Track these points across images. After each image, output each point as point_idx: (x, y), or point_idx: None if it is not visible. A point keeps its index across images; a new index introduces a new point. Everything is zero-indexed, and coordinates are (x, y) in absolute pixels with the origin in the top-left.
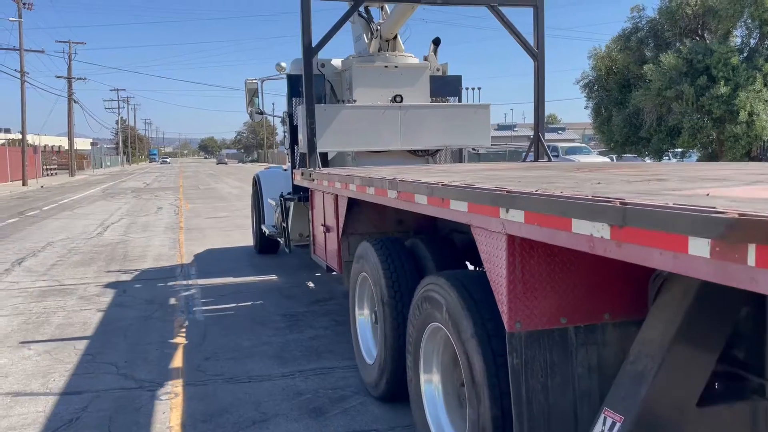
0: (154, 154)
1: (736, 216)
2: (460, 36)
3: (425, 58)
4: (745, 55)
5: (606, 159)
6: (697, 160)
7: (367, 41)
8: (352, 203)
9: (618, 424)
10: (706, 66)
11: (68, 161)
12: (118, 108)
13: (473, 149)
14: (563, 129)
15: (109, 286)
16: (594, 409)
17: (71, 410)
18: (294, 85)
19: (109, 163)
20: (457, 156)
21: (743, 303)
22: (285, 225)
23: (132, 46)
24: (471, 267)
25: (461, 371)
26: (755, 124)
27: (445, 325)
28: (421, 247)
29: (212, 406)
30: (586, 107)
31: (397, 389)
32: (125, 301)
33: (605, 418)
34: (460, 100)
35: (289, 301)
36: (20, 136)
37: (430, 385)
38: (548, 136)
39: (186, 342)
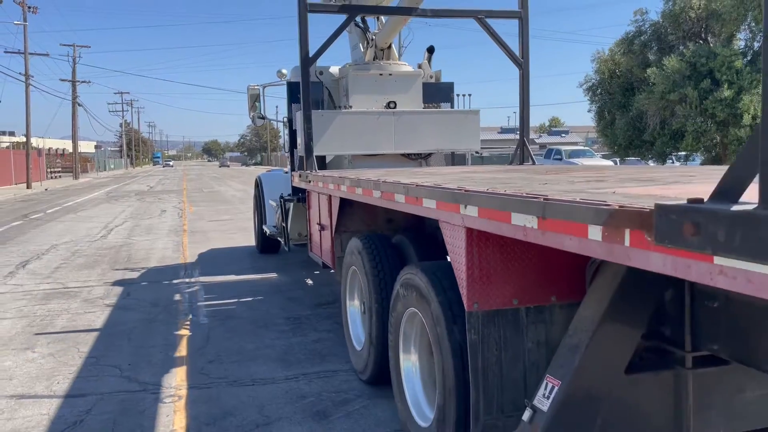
0: (158, 157)
1: (617, 207)
2: (464, 39)
3: (419, 66)
4: (748, 58)
5: (609, 162)
6: (701, 164)
7: (363, 50)
8: (344, 203)
9: (556, 388)
10: (710, 69)
11: (72, 164)
12: (122, 111)
13: (477, 152)
14: (566, 132)
15: (113, 288)
16: (540, 378)
17: (75, 413)
18: (294, 92)
19: (112, 166)
20: (450, 159)
21: (665, 286)
22: (284, 225)
23: (136, 50)
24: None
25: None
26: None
27: (419, 309)
28: (406, 243)
29: (216, 409)
30: (589, 110)
31: (381, 371)
32: (129, 303)
33: (546, 384)
34: (452, 106)
35: (292, 304)
36: (24, 139)
37: (409, 363)
38: (551, 139)
39: (189, 344)
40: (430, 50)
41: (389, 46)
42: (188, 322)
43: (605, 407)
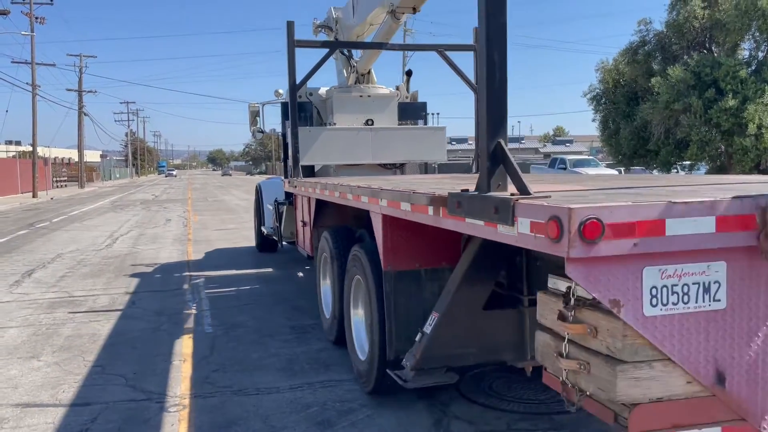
0: (163, 166)
1: (434, 195)
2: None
3: (397, 87)
4: (753, 68)
5: (614, 171)
6: (706, 173)
7: (346, 75)
8: (319, 203)
9: (436, 318)
10: (714, 79)
11: (78, 173)
12: (128, 120)
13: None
14: (571, 141)
15: (118, 297)
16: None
17: (80, 422)
18: (287, 110)
19: (118, 175)
20: (423, 168)
21: (509, 252)
22: (278, 225)
23: (142, 60)
24: None
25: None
26: (764, 137)
27: (360, 275)
28: (365, 234)
29: (220, 419)
30: (593, 120)
31: (341, 332)
32: (134, 312)
33: (432, 316)
34: (425, 123)
35: (297, 313)
36: (31, 149)
37: (356, 317)
38: (556, 148)
39: (194, 353)
40: (408, 74)
41: (369, 72)
42: (193, 331)
43: (468, 331)
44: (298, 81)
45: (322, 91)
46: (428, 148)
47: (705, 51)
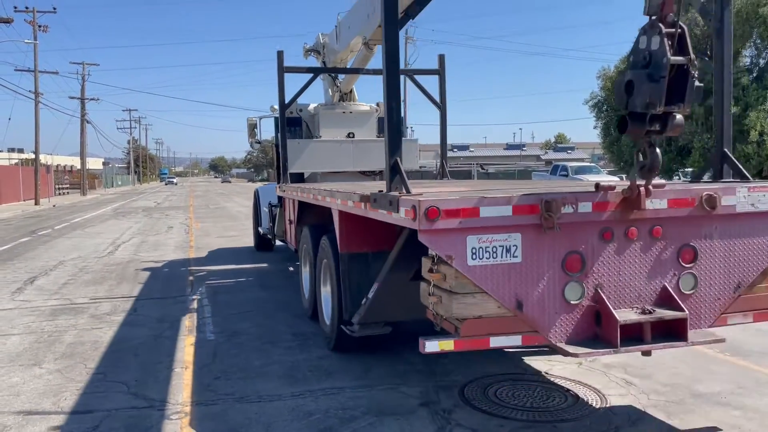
0: (165, 174)
1: (362, 194)
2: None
3: (378, 104)
4: (754, 75)
5: (615, 178)
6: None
7: (331, 94)
8: (301, 204)
9: (376, 287)
10: None
11: (80, 180)
12: (130, 128)
13: (482, 169)
14: (572, 148)
15: (120, 304)
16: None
17: (82, 429)
18: (282, 121)
19: (120, 183)
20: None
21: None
22: (272, 225)
23: (145, 68)
24: None
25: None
26: (766, 144)
27: (326, 257)
28: (331, 227)
29: (222, 426)
30: (595, 127)
31: (315, 308)
32: (136, 319)
33: (375, 285)
34: (403, 136)
35: (299, 321)
36: (33, 156)
37: (325, 292)
38: (557, 155)
39: (196, 361)
40: None
41: (351, 91)
42: (195, 339)
43: (399, 296)
44: (287, 100)
45: (311, 107)
46: (402, 157)
47: (706, 58)
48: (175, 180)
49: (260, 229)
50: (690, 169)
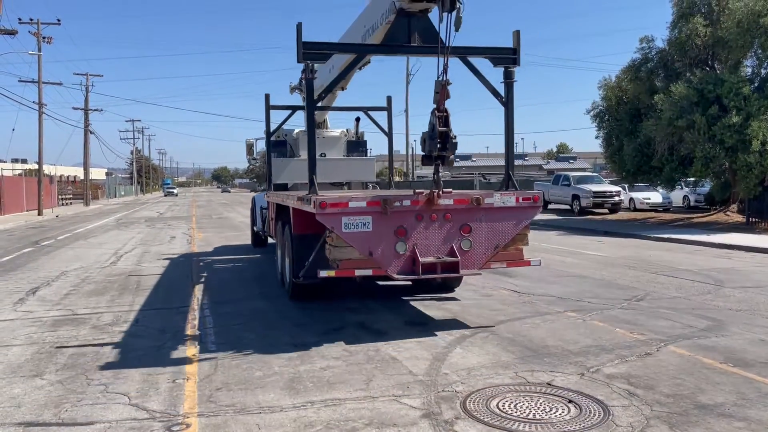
0: (168, 184)
1: (297, 196)
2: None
3: (347, 130)
4: (756, 84)
5: (617, 188)
6: (710, 190)
7: None
8: (277, 206)
9: (312, 254)
10: (717, 96)
11: (83, 191)
12: (133, 138)
13: (484, 179)
14: (574, 158)
15: (121, 315)
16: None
17: None
18: (269, 145)
19: (123, 193)
20: (366, 185)
21: None
22: (263, 224)
23: (149, 78)
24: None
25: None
26: None
27: (287, 240)
28: (291, 218)
29: None
30: (597, 137)
31: (283, 277)
32: (138, 330)
33: (312, 254)
34: (366, 155)
35: (299, 330)
36: (37, 167)
37: (287, 262)
38: (559, 165)
39: (198, 372)
40: (357, 120)
41: (324, 120)
42: (196, 350)
43: (325, 258)
44: (272, 128)
45: (295, 132)
46: (361, 172)
47: (707, 68)
48: (175, 190)
49: (255, 228)
50: (692, 179)
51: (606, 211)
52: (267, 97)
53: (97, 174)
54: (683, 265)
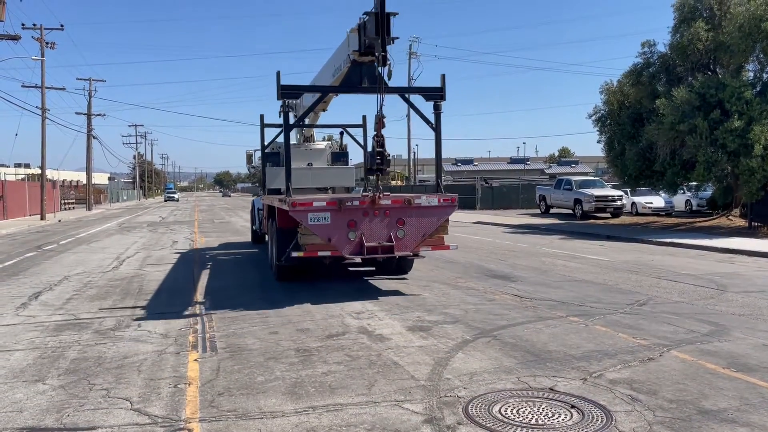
0: (171, 188)
1: (279, 198)
2: (476, 71)
3: (331, 141)
4: (758, 89)
5: (620, 192)
6: (712, 194)
7: (298, 136)
8: (269, 207)
9: (292, 244)
10: (719, 100)
11: (86, 195)
12: (136, 143)
13: (486, 183)
14: (576, 162)
15: (124, 319)
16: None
17: None
18: (265, 156)
19: (125, 197)
20: (348, 190)
21: None
22: (260, 223)
23: (151, 83)
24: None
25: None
26: None
27: (274, 233)
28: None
29: None
30: (599, 141)
31: (271, 263)
32: (140, 335)
33: (291, 244)
34: (347, 164)
35: (302, 335)
36: (40, 171)
37: (274, 250)
38: (561, 169)
39: (200, 377)
40: (341, 134)
41: (311, 135)
42: (198, 355)
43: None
44: (266, 142)
45: None
46: (343, 178)
47: (709, 72)
48: (176, 195)
49: (254, 227)
50: (694, 183)
51: (608, 215)
52: (262, 117)
53: (100, 178)
54: (686, 269)
